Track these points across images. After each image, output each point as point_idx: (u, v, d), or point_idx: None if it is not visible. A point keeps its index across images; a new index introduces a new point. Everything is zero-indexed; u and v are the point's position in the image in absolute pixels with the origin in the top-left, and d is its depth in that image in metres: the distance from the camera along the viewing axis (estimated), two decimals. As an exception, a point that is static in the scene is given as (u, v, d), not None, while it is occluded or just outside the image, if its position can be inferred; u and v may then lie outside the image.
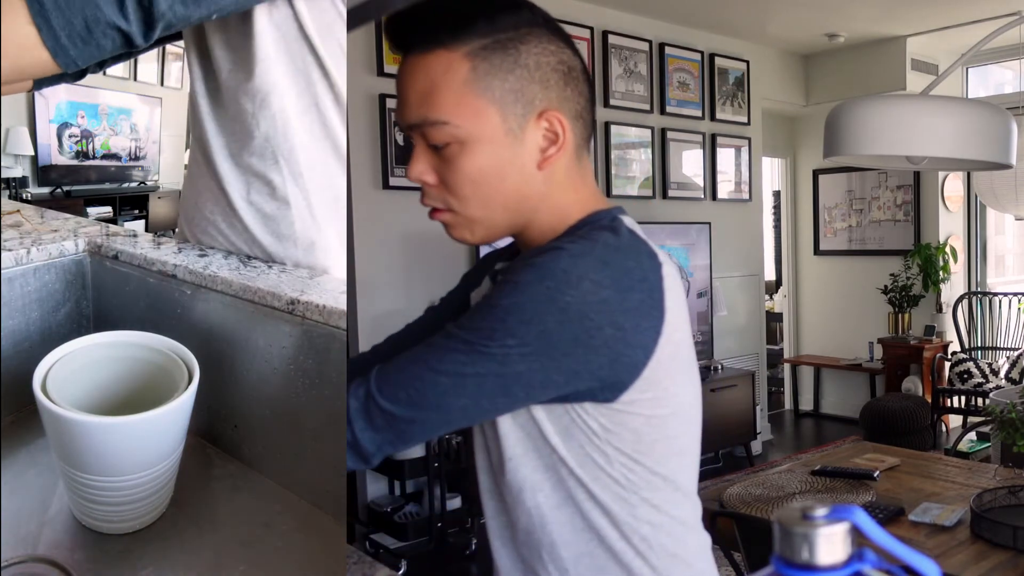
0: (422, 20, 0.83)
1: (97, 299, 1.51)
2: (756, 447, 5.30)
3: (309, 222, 1.42)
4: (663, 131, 4.80)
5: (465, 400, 0.80)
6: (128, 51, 1.04)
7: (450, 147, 0.83)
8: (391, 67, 3.68)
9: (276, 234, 1.42)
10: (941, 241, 5.78)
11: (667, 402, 0.86)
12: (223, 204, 1.44)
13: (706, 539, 0.95)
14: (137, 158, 7.85)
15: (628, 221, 0.89)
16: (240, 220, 1.43)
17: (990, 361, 5.54)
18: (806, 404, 6.56)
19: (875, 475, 2.50)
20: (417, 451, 3.41)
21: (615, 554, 0.88)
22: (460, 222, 0.88)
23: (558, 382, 0.81)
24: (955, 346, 5.75)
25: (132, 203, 7.59)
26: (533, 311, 0.78)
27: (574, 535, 0.88)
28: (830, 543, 0.41)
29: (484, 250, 3.75)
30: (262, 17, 1.29)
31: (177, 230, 1.67)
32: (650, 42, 4.72)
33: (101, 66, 1.29)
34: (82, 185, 6.95)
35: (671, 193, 4.86)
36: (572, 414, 0.84)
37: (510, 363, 0.79)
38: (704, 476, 3.59)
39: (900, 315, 5.75)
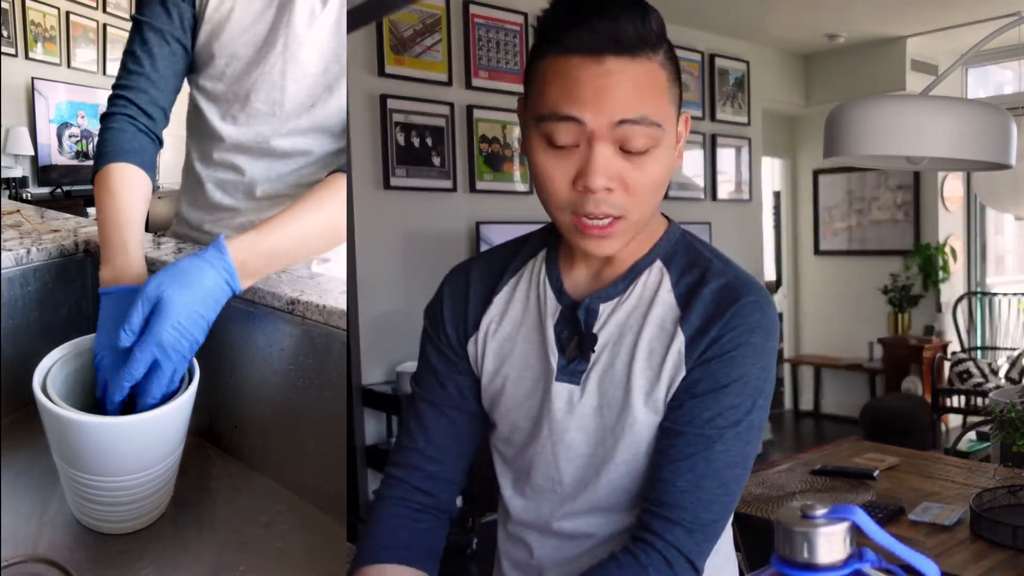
0: (625, 28, 0.81)
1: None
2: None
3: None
4: (663, 131, 4.80)
5: (748, 471, 0.92)
6: None
7: (647, 152, 0.84)
8: (391, 67, 3.66)
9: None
10: (941, 241, 5.78)
11: None
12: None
13: (728, 531, 1.05)
14: (137, 158, 7.83)
15: None
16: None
17: (990, 361, 5.53)
18: (806, 404, 6.56)
19: (875, 475, 2.50)
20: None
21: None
22: (625, 229, 0.87)
23: None
24: (955, 346, 5.75)
25: (132, 203, 7.58)
26: (771, 370, 0.90)
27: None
28: (830, 542, 0.41)
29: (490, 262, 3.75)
30: None
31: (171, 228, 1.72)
32: (650, 42, 4.72)
33: None
34: (82, 185, 6.93)
35: (671, 193, 4.84)
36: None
37: (762, 422, 0.91)
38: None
39: (900, 315, 5.74)
